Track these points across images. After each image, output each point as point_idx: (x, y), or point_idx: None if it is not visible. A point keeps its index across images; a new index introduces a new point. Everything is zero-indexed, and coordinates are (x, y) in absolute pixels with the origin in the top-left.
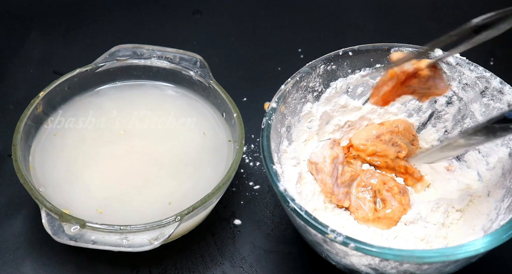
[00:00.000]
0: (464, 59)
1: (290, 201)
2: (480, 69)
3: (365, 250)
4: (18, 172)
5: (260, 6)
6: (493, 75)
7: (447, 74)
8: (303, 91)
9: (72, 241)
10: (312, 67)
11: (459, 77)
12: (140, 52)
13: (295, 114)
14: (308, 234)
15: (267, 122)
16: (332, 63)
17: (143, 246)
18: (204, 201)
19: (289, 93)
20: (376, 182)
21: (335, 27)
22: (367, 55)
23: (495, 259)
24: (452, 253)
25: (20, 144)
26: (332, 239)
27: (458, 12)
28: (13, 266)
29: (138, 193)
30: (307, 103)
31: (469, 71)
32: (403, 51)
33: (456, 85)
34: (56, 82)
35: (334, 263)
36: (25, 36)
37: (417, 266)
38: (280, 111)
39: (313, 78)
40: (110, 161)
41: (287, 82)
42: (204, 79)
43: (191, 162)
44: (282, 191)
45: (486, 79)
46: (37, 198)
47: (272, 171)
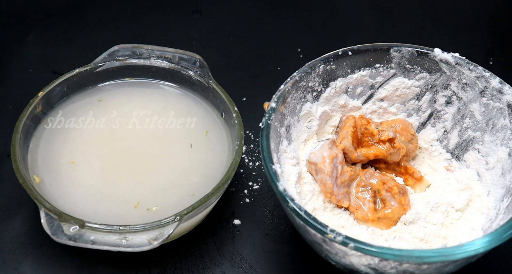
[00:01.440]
0: (464, 58)
1: (289, 201)
2: (480, 69)
3: (364, 250)
4: (17, 172)
5: (260, 6)
6: (493, 75)
7: (447, 74)
8: (302, 91)
9: (71, 241)
10: (312, 67)
11: (458, 77)
12: (140, 52)
13: (295, 114)
14: (307, 234)
15: (267, 122)
16: (331, 63)
17: (142, 246)
18: (203, 201)
19: (289, 93)
20: (376, 182)
21: (335, 27)
22: (367, 55)
23: (495, 259)
24: (451, 253)
25: (19, 144)
26: (331, 239)
27: (458, 12)
28: (12, 266)
29: (138, 193)
30: (307, 103)
31: (468, 71)
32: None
33: (455, 85)
34: (55, 82)
35: (334, 263)
36: (24, 36)
37: (416, 266)
38: (279, 111)
39: (313, 78)
40: (110, 160)
41: (287, 82)
42: (204, 79)
43: (191, 161)
44: (282, 190)
45: (485, 79)
46: (36, 198)
47: (271, 171)
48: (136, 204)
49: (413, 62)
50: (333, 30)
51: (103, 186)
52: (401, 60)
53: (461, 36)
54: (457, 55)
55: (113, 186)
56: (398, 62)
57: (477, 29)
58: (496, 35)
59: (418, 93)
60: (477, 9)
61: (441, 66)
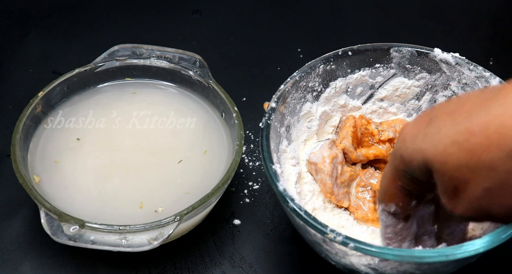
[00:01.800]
0: (464, 58)
1: (289, 201)
2: (480, 69)
3: (364, 250)
4: (17, 172)
5: (260, 6)
6: (493, 75)
7: (447, 74)
8: (302, 91)
9: (71, 241)
10: (312, 67)
11: (458, 77)
12: (140, 52)
13: (295, 114)
14: (307, 234)
15: (267, 122)
16: (331, 63)
17: (142, 246)
18: (203, 201)
19: (289, 93)
20: (376, 182)
21: (335, 27)
22: (367, 55)
23: (494, 259)
24: (451, 253)
25: (19, 144)
26: (331, 239)
27: (458, 12)
28: (13, 266)
29: (137, 192)
30: (307, 103)
31: (468, 71)
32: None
33: (455, 85)
34: (55, 82)
35: (334, 263)
36: (24, 36)
37: (416, 266)
38: (279, 111)
39: (313, 78)
40: (110, 160)
41: (287, 82)
42: (204, 79)
43: (191, 161)
44: (282, 191)
45: (485, 79)
46: (36, 198)
47: (271, 171)
48: (140, 204)
49: (413, 62)
50: (333, 30)
51: (103, 186)
52: (401, 60)
53: (461, 36)
54: (457, 55)
55: (113, 186)
56: (398, 62)
57: (477, 29)
58: (496, 35)
59: (418, 93)
60: (477, 9)
61: (441, 66)
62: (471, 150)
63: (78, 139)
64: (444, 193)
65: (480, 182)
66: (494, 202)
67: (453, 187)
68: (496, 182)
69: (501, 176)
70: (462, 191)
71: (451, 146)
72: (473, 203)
